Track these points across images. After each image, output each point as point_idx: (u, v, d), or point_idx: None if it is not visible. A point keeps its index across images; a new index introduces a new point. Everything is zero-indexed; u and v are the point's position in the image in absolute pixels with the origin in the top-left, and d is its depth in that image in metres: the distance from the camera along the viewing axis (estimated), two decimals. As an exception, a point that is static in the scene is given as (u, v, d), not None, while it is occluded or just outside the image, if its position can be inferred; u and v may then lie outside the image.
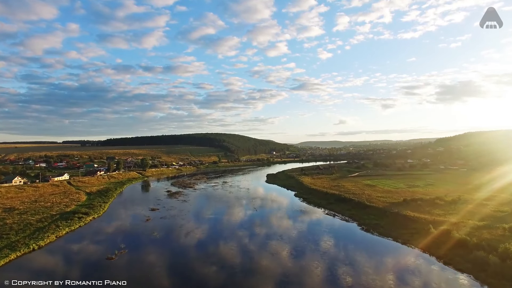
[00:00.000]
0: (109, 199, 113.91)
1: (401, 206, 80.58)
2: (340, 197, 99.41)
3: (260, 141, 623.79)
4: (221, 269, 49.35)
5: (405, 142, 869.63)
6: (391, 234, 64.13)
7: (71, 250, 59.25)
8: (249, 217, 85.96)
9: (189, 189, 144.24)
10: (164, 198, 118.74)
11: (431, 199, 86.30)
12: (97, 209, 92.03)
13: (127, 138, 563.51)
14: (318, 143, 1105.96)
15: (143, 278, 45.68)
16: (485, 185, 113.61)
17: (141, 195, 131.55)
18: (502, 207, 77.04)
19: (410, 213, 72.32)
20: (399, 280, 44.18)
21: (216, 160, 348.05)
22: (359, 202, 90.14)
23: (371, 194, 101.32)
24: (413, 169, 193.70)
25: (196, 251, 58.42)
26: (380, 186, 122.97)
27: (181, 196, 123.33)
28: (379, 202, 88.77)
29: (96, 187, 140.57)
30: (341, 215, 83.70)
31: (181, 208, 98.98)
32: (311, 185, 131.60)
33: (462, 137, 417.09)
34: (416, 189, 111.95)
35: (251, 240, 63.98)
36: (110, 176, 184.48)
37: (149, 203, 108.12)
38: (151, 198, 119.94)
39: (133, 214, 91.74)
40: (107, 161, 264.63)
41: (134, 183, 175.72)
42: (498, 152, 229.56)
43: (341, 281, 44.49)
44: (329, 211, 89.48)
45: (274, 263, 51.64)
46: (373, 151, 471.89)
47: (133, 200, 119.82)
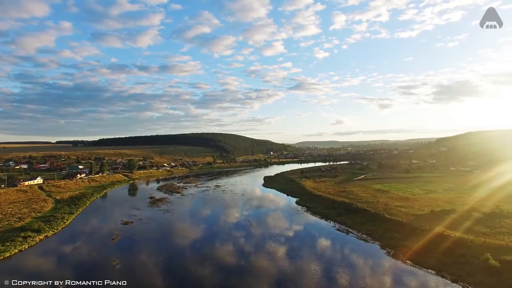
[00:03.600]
0: (79, 208, 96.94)
1: (431, 221, 64.58)
2: (352, 207, 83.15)
3: (257, 141, 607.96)
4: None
5: (403, 142, 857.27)
6: (431, 264, 47.87)
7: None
8: (241, 237, 69.47)
9: (175, 195, 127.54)
10: (144, 207, 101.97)
11: (465, 211, 70.51)
12: (56, 224, 74.98)
13: (120, 138, 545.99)
14: (316, 143, 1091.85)
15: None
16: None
17: (118, 203, 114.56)
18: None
19: (449, 232, 56.20)
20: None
21: (211, 161, 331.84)
22: (376, 214, 73.97)
23: (388, 203, 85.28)
24: (422, 170, 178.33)
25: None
26: (393, 191, 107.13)
27: (164, 204, 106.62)
28: (400, 214, 72.71)
29: (70, 193, 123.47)
30: (356, 232, 67.38)
31: (160, 221, 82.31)
32: (315, 191, 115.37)
33: (463, 137, 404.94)
34: (436, 196, 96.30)
35: (242, 280, 47.51)
36: (91, 179, 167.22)
37: (125, 214, 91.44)
38: (129, 207, 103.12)
39: (99, 229, 74.78)
40: (94, 162, 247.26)
41: (117, 187, 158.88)
42: (504, 152, 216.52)
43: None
44: (340, 226, 73.06)
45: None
46: (373, 151, 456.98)
47: (107, 209, 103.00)
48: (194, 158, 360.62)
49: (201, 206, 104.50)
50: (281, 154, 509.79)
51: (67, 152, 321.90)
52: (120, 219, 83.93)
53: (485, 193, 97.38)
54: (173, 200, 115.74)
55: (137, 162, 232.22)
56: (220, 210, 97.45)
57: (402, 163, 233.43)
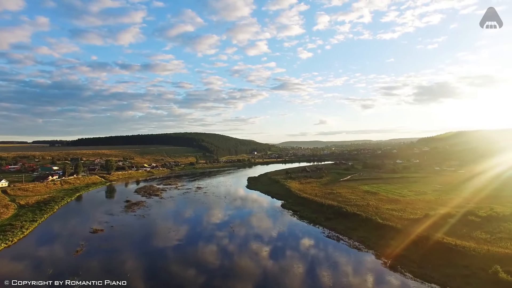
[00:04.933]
0: (44, 214, 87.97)
1: (427, 226, 60.05)
2: (341, 211, 78.09)
3: (241, 141, 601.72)
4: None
5: (385, 142, 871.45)
6: (434, 277, 42.96)
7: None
8: (222, 244, 63.13)
9: (154, 198, 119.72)
10: (118, 212, 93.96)
11: (461, 215, 66.61)
12: (12, 234, 66.23)
13: (100, 138, 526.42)
14: (299, 143, 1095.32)
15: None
16: (502, 190, 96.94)
17: (91, 207, 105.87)
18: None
19: (449, 240, 51.69)
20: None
21: (194, 161, 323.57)
22: (368, 218, 69.08)
23: (378, 206, 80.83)
24: (408, 171, 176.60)
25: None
26: (382, 193, 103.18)
27: (140, 209, 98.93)
28: (393, 218, 68.13)
29: (38, 197, 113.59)
30: (347, 239, 62.19)
31: (134, 229, 74.94)
32: (301, 193, 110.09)
33: (443, 137, 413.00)
34: (426, 197, 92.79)
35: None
36: (64, 182, 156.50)
37: (96, 220, 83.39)
38: (102, 212, 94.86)
39: (63, 239, 66.61)
40: (71, 162, 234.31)
41: (92, 190, 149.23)
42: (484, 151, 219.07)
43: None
44: (329, 232, 67.70)
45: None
46: (357, 151, 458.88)
47: (77, 215, 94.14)
48: (177, 158, 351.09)
49: (180, 211, 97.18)
50: (265, 154, 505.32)
51: (42, 152, 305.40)
52: (90, 226, 75.78)
53: (474, 193, 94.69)
54: (150, 204, 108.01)
55: (115, 163, 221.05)
56: (201, 215, 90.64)
57: (387, 163, 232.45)
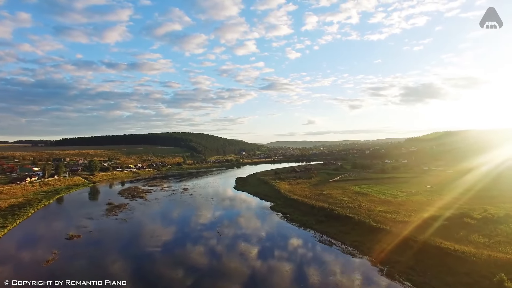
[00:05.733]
0: (17, 219, 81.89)
1: (422, 229, 57.32)
2: (333, 213, 75.04)
3: (229, 141, 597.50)
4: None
5: (373, 142, 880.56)
6: (435, 286, 39.92)
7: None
8: (206, 251, 59.14)
9: (138, 200, 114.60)
10: (98, 216, 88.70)
11: (455, 217, 64.42)
12: (-22, 242, 61.01)
13: (86, 138, 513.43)
14: (288, 143, 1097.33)
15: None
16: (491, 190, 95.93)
17: (69, 211, 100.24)
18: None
19: (447, 244, 48.95)
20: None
21: (181, 162, 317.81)
22: (361, 221, 66.16)
23: (371, 208, 78.15)
24: (397, 171, 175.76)
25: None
26: (373, 194, 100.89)
27: (123, 212, 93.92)
28: (387, 221, 65.41)
29: (13, 200, 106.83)
30: (340, 243, 58.98)
31: (114, 234, 70.14)
32: (290, 194, 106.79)
33: (430, 137, 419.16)
34: (418, 198, 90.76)
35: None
36: (43, 183, 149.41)
37: (73, 225, 78.14)
38: (81, 215, 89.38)
39: (34, 247, 61.06)
40: (53, 163, 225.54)
41: (73, 192, 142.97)
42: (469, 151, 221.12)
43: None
44: (321, 236, 64.40)
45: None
46: (345, 151, 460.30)
47: (53, 219, 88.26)
48: (164, 158, 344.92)
49: (164, 215, 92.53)
50: (254, 154, 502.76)
51: (23, 152, 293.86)
52: (66, 232, 70.46)
53: (465, 194, 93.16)
54: (133, 206, 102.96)
55: (99, 163, 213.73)
56: (186, 219, 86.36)
57: (376, 163, 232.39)
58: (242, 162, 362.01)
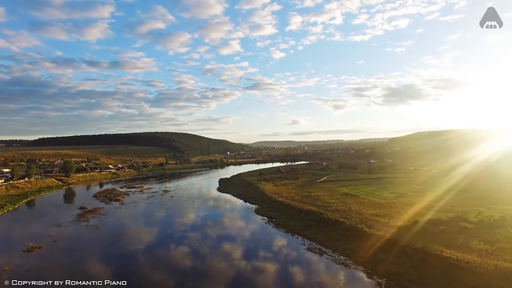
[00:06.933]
0: (-27, 227, 73.72)
1: (418, 235, 53.33)
2: (322, 217, 70.27)
3: (213, 141, 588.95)
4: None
5: (357, 142, 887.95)
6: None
7: None
8: (183, 262, 53.22)
9: (114, 204, 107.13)
10: (68, 222, 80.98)
11: (451, 220, 60.84)
12: None
13: (64, 138, 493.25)
14: (272, 143, 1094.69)
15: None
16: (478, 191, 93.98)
17: (36, 217, 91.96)
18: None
19: (448, 253, 44.78)
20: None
21: (163, 162, 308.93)
22: (353, 226, 61.63)
23: (361, 211, 73.95)
24: (384, 171, 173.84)
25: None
26: (362, 195, 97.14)
27: (95, 217, 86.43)
28: (380, 226, 61.15)
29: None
30: (331, 252, 54.12)
31: (83, 243, 63.08)
32: (276, 196, 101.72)
33: (412, 137, 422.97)
34: (408, 200, 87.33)
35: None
36: (11, 186, 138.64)
37: (37, 233, 70.31)
38: (48, 222, 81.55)
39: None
40: (26, 164, 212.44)
41: (45, 195, 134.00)
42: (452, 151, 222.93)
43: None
44: (310, 243, 59.38)
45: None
46: (330, 151, 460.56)
47: (15, 227, 79.69)
48: (146, 159, 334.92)
49: (140, 220, 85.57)
50: (238, 154, 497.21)
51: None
52: (26, 242, 62.73)
53: (455, 195, 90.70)
54: (108, 211, 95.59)
55: (74, 164, 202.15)
56: (164, 225, 79.98)
57: (361, 163, 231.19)
58: (226, 162, 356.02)
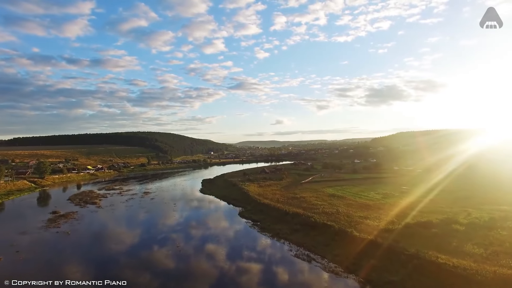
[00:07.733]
0: None
1: (411, 239, 50.89)
2: (309, 221, 67.01)
3: (197, 141, 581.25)
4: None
5: (340, 142, 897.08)
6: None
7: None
8: (160, 272, 48.80)
9: (89, 207, 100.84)
10: (36, 229, 74.62)
11: (444, 223, 58.67)
12: None
13: (41, 137, 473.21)
14: (256, 142, 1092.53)
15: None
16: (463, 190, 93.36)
17: (1, 223, 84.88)
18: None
19: (444, 259, 42.21)
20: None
21: (145, 162, 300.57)
22: (342, 230, 58.62)
23: (350, 214, 71.28)
24: (369, 171, 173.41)
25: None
26: (349, 197, 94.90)
27: (68, 223, 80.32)
28: (369, 229, 58.38)
29: None
30: (320, 258, 50.84)
31: (49, 253, 57.35)
32: (261, 198, 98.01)
33: (395, 137, 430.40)
34: (396, 201, 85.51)
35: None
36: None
37: (2, 240, 64.19)
38: (13, 229, 74.62)
39: None
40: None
41: (15, 198, 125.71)
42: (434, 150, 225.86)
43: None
44: (297, 249, 55.97)
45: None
46: (314, 150, 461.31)
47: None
48: (127, 159, 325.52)
49: (116, 225, 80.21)
50: (222, 154, 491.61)
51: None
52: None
53: (442, 195, 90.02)
54: (82, 215, 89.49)
55: (49, 165, 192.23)
56: (142, 230, 74.87)
57: (346, 162, 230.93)
58: (210, 163, 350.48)
